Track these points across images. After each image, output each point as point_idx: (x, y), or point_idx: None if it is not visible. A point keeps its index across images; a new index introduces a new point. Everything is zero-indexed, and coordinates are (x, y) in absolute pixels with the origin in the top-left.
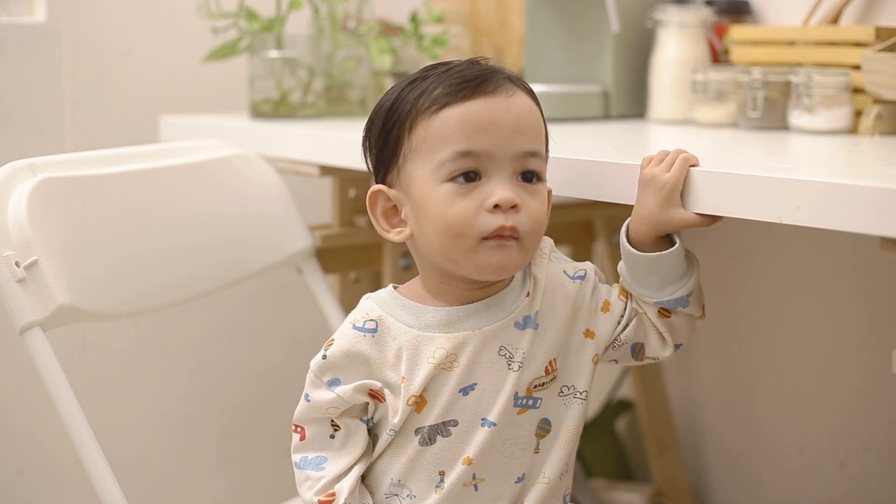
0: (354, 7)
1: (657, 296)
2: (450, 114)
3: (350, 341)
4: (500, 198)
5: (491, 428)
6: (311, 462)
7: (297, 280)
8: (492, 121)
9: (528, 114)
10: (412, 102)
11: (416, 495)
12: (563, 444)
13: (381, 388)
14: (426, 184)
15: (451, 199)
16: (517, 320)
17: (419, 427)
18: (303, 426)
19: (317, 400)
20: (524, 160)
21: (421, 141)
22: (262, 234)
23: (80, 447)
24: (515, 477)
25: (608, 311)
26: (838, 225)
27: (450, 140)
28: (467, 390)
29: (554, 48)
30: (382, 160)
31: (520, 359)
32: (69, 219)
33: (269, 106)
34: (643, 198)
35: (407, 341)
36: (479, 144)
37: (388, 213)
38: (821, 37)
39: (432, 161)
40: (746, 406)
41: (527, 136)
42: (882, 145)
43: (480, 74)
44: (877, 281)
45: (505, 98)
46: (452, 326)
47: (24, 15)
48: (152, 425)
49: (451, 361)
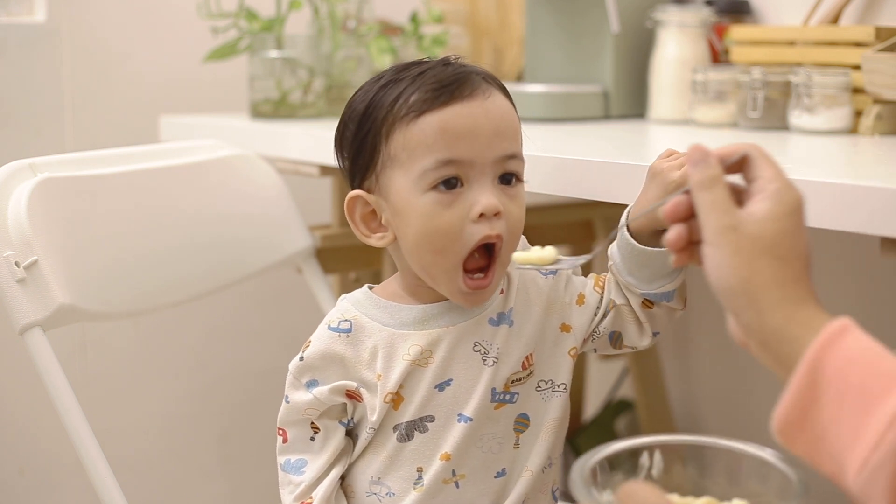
0: (354, 7)
1: (645, 288)
2: (428, 121)
3: (325, 342)
4: (484, 206)
5: (467, 423)
6: (293, 465)
7: (297, 280)
8: (472, 127)
9: (505, 115)
10: (387, 108)
11: (394, 493)
12: (544, 438)
13: (358, 388)
14: (408, 192)
15: (434, 211)
16: (491, 317)
17: (397, 424)
18: (284, 429)
19: (296, 401)
20: (504, 163)
21: (399, 149)
22: (262, 234)
23: (80, 447)
24: (495, 472)
25: (583, 304)
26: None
27: (430, 148)
28: (443, 386)
29: (554, 48)
30: (358, 166)
31: (495, 354)
32: (69, 219)
33: (269, 106)
34: (648, 189)
35: (382, 339)
36: (461, 152)
37: (366, 218)
38: (821, 37)
39: (412, 170)
40: (746, 406)
41: (506, 139)
42: (882, 145)
43: (456, 78)
44: (877, 281)
45: (482, 101)
46: (426, 324)
47: (24, 15)
48: (152, 425)
49: (426, 358)
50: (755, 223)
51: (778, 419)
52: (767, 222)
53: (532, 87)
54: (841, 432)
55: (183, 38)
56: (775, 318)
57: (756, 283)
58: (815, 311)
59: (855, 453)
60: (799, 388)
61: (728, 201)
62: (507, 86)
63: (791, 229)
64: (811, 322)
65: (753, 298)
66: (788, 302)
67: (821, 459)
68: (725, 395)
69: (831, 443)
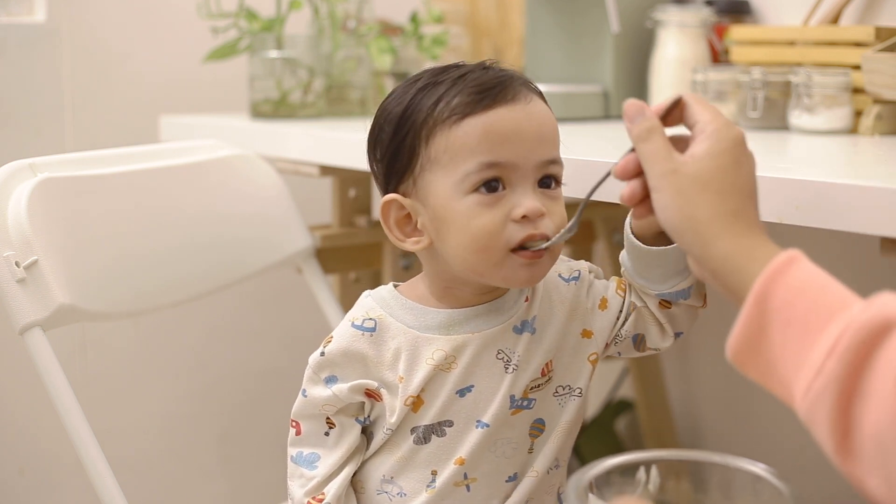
0: (354, 7)
1: (659, 288)
2: (472, 123)
3: (348, 340)
4: (527, 209)
5: (485, 429)
6: (306, 459)
7: (297, 280)
8: (515, 131)
9: (547, 120)
10: (427, 111)
11: (406, 493)
12: (554, 440)
13: (378, 388)
14: (448, 195)
15: (475, 211)
16: (515, 325)
17: (415, 426)
18: (299, 421)
19: (313, 396)
20: (546, 167)
21: (441, 151)
22: (262, 234)
23: (80, 447)
24: (507, 476)
25: (605, 308)
26: (838, 225)
27: (473, 151)
28: (464, 392)
29: (554, 48)
30: (395, 169)
31: (516, 362)
32: (69, 219)
33: (269, 106)
34: None
35: (406, 341)
36: (504, 155)
37: (401, 223)
38: (821, 37)
39: (455, 172)
40: (746, 406)
41: (548, 143)
42: (882, 145)
43: (498, 82)
44: (877, 281)
45: (524, 105)
46: (452, 329)
47: (24, 15)
48: (152, 425)
49: (450, 363)
50: (694, 163)
51: (730, 347)
52: (705, 160)
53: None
54: (788, 360)
55: (183, 38)
56: (720, 249)
57: (699, 218)
58: (759, 241)
59: (799, 380)
60: (748, 318)
61: (667, 148)
62: None
63: (729, 164)
64: (755, 252)
65: (698, 233)
66: (731, 233)
67: (772, 384)
68: (725, 395)
69: (780, 370)
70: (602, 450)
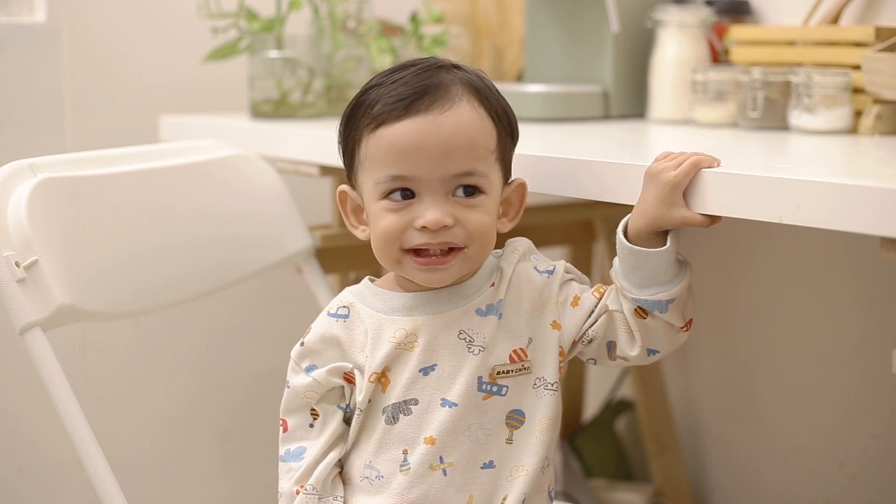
0: (354, 7)
1: (637, 293)
2: (382, 135)
3: (324, 326)
4: (427, 220)
5: (452, 408)
6: (293, 454)
7: (297, 280)
8: (418, 145)
9: (460, 131)
10: (362, 113)
11: (383, 476)
12: (538, 436)
13: (353, 370)
14: (369, 196)
15: (382, 215)
16: (479, 307)
17: (385, 406)
18: (286, 418)
19: (295, 386)
20: (459, 179)
21: (364, 156)
22: (262, 234)
23: (80, 447)
24: (482, 462)
25: (577, 305)
26: (838, 225)
27: (382, 163)
28: (427, 370)
29: (554, 48)
30: (345, 162)
31: (481, 343)
32: (69, 219)
33: (269, 106)
34: (645, 191)
35: (372, 323)
36: (408, 169)
37: (356, 210)
38: (821, 37)
39: (371, 178)
40: (746, 406)
41: (456, 158)
42: (882, 145)
43: (419, 90)
44: (877, 281)
45: (436, 117)
46: (414, 310)
47: (24, 15)
48: (152, 425)
49: (411, 342)
50: None
51: None
52: None
53: (532, 88)
54: None
55: (183, 39)
56: None
57: None
58: None
59: None
60: None
61: None
62: (507, 86)
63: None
64: None
65: None
66: None
67: None
68: (725, 395)
69: None
70: (602, 450)
